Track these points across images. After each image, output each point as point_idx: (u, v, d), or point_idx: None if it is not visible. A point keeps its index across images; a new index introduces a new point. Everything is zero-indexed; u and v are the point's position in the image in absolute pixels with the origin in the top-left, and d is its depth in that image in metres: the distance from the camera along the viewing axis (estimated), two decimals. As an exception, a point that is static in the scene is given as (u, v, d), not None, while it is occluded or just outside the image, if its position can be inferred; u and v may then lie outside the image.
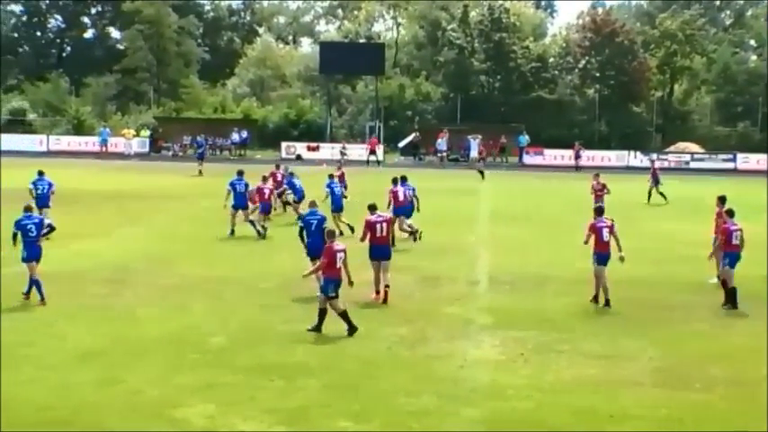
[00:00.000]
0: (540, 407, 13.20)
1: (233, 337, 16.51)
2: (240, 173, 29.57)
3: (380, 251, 19.77)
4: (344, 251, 17.00)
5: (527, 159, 64.99)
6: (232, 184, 29.05)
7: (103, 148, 66.42)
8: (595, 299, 19.63)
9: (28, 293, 19.01)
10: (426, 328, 17.34)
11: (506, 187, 47.48)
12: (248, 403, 13.05)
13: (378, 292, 19.68)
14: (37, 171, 30.01)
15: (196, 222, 31.30)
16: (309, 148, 66.78)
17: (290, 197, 31.95)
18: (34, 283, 18.93)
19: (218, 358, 15.20)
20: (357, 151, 64.05)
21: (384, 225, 19.90)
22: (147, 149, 68.53)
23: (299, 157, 65.56)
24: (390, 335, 16.85)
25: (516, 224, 31.43)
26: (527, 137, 65.59)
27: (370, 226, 19.80)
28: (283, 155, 65.55)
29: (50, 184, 29.17)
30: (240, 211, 28.80)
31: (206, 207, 29.91)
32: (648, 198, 39.77)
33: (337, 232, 22.49)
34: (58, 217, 29.52)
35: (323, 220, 20.13)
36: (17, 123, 75.74)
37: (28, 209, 19.75)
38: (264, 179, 30.13)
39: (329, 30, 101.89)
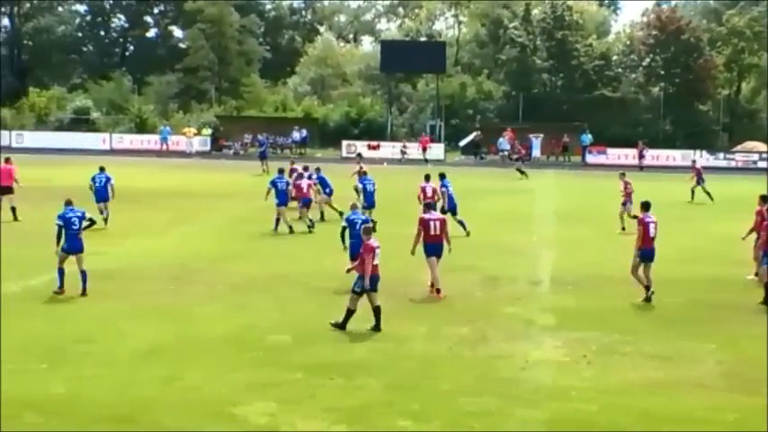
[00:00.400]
0: (603, 409, 13.04)
1: (292, 334, 16.54)
2: (281, 171, 30.41)
3: (435, 249, 20.03)
4: (379, 248, 17.11)
5: (590, 158, 64.38)
6: (273, 182, 29.60)
7: (164, 147, 67.10)
8: (647, 298, 19.54)
9: (61, 287, 19.36)
10: (487, 329, 17.24)
11: (569, 186, 47.12)
12: (308, 402, 13.06)
13: (437, 290, 19.88)
14: (99, 167, 30.69)
15: (254, 221, 31.47)
16: (370, 147, 66.84)
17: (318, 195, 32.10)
18: (82, 273, 19.36)
19: (278, 356, 15.24)
20: (417, 150, 63.99)
21: (438, 223, 20.15)
22: (208, 148, 69.09)
23: (359, 156, 65.57)
24: (451, 334, 16.78)
25: (578, 224, 31.15)
26: (590, 136, 64.97)
27: (424, 224, 20.05)
28: (344, 153, 65.74)
29: (108, 179, 29.86)
30: (282, 208, 29.29)
31: (264, 206, 30.08)
32: (692, 196, 39.52)
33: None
34: (117, 215, 29.96)
35: (366, 221, 20.46)
36: (81, 122, 76.98)
37: (69, 202, 20.21)
38: (289, 174, 30.79)
39: (390, 28, 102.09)
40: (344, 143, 67.81)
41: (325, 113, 77.75)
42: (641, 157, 60.75)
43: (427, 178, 28.47)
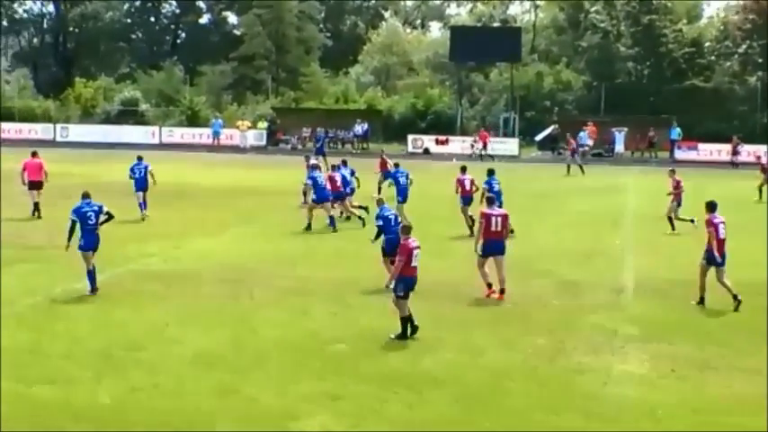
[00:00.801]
0: (695, 428, 12.90)
1: (355, 344, 16.60)
2: (315, 167, 30.90)
3: (494, 246, 20.19)
4: (419, 248, 17.16)
5: (679, 155, 63.51)
6: (313, 179, 29.94)
7: (216, 141, 67.71)
8: (701, 300, 19.69)
9: (93, 288, 19.74)
10: (566, 339, 17.13)
11: (655, 185, 46.55)
12: (372, 416, 13.09)
13: (501, 291, 20.09)
14: (137, 156, 31.99)
15: (314, 220, 31.64)
16: (438, 142, 66.84)
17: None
18: (88, 273, 19.69)
19: (340, 367, 15.30)
20: (489, 145, 63.82)
21: (500, 219, 20.34)
22: (263, 142, 69.53)
23: (426, 152, 65.71)
24: (526, 345, 16.71)
25: (666, 226, 30.82)
26: (679, 130, 64.12)
27: (486, 219, 20.29)
28: (410, 149, 65.83)
29: (147, 167, 31.33)
30: (326, 204, 29.87)
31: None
32: (760, 195, 38.92)
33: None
34: (168, 213, 30.34)
35: (397, 216, 21.34)
36: (129, 114, 78.01)
37: (86, 195, 20.48)
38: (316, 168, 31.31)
39: (460, 13, 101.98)
40: (410, 137, 67.84)
41: (390, 105, 77.89)
42: (735, 153, 59.85)
43: (464, 170, 29.44)
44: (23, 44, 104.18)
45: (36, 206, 31.25)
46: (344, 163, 33.09)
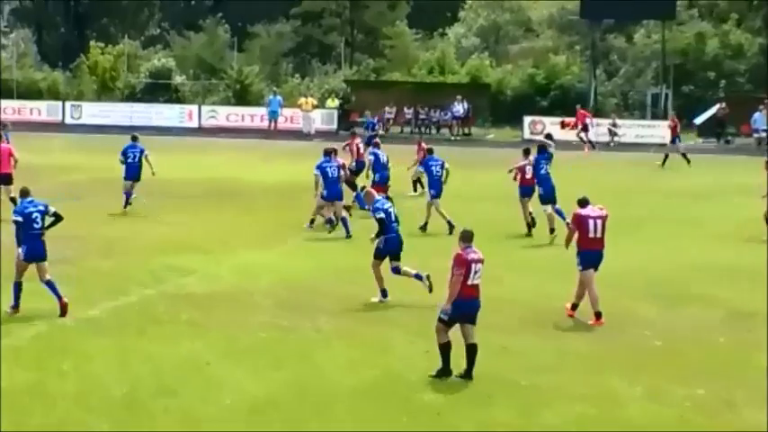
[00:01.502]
0: None
1: (453, 390, 16.56)
2: (329, 152, 32.15)
3: (594, 257, 20.75)
4: (482, 262, 17.23)
5: None
6: (321, 169, 31.37)
7: (272, 125, 67.61)
8: None
9: (16, 306, 20.28)
10: (734, 389, 16.92)
11: None
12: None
13: (597, 314, 20.46)
14: (131, 136, 33.96)
15: (404, 230, 31.65)
16: (564, 125, 66.40)
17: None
18: (15, 285, 20.22)
19: (434, 421, 15.29)
20: (633, 130, 63.33)
21: (599, 222, 20.83)
22: (333, 126, 69.42)
23: (548, 137, 65.19)
24: (681, 396, 16.55)
25: None
26: None
27: (581, 222, 20.81)
28: (526, 134, 65.57)
29: (143, 150, 33.20)
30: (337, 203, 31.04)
31: (409, 207, 30.29)
32: None
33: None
34: (208, 220, 30.61)
35: (394, 212, 22.57)
36: (159, 89, 78.38)
37: (26, 193, 20.84)
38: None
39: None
40: (527, 120, 67.58)
41: (501, 78, 77.62)
42: None
43: (527, 152, 30.59)
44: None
45: (13, 202, 31.70)
46: (377, 145, 35.37)
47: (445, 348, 17.09)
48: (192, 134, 63.98)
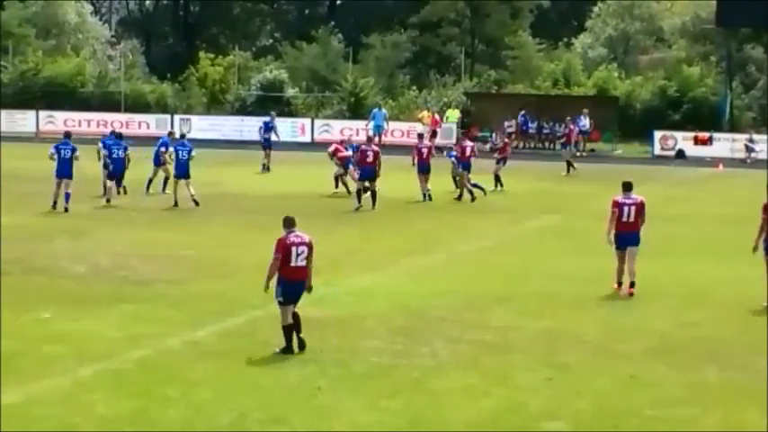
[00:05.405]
0: None
1: (581, 423, 16.42)
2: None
3: (627, 239, 24.68)
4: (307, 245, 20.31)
5: None
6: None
7: (378, 139, 67.35)
8: None
9: None
10: None
11: None
12: None
13: (631, 284, 24.57)
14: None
15: (521, 247, 31.54)
16: (697, 141, 65.83)
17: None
18: None
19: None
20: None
21: (633, 209, 24.61)
22: (452, 140, 69.13)
23: (680, 154, 64.79)
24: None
25: None
26: None
27: (617, 207, 24.65)
28: (656, 150, 65.07)
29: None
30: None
31: (542, 227, 30.11)
32: None
33: None
34: (320, 239, 30.64)
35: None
36: (271, 101, 78.66)
37: None
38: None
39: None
40: (658, 135, 67.08)
41: (630, 90, 77.05)
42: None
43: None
44: (132, 7, 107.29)
45: None
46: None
47: (289, 330, 19.52)
48: (305, 148, 64.23)
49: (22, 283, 25.01)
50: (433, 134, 62.76)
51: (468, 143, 44.04)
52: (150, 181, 41.78)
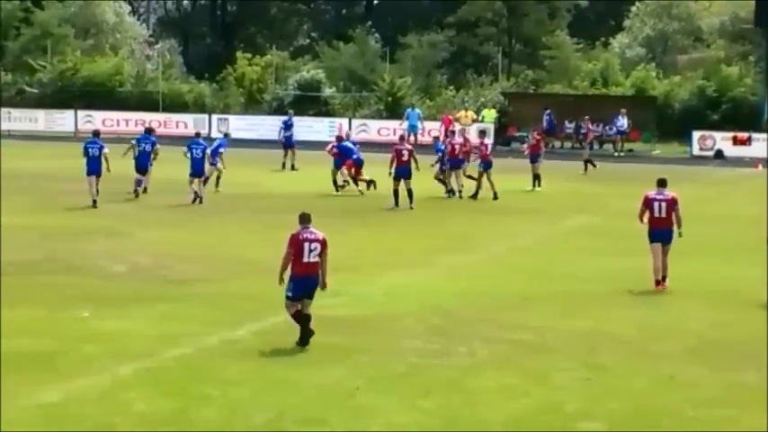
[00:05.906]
0: None
1: (617, 423, 16.37)
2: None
3: (659, 235, 25.04)
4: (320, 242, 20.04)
5: None
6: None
7: (414, 139, 67.18)
8: None
9: None
10: None
11: None
12: None
13: (662, 278, 25.08)
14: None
15: (562, 248, 31.49)
16: (736, 141, 65.55)
17: None
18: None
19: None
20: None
21: (663, 204, 24.93)
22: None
23: (719, 155, 64.55)
24: None
25: None
26: None
27: (647, 204, 25.12)
28: (695, 150, 64.88)
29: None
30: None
31: (577, 227, 30.06)
32: None
33: None
34: (359, 236, 30.67)
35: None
36: (308, 101, 78.86)
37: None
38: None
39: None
40: (696, 135, 66.86)
41: (668, 90, 76.83)
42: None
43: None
44: (170, 7, 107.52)
45: None
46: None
47: (298, 317, 19.80)
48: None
49: (61, 282, 25.11)
50: (446, 134, 62.55)
51: (457, 141, 45.05)
52: (218, 179, 41.91)
